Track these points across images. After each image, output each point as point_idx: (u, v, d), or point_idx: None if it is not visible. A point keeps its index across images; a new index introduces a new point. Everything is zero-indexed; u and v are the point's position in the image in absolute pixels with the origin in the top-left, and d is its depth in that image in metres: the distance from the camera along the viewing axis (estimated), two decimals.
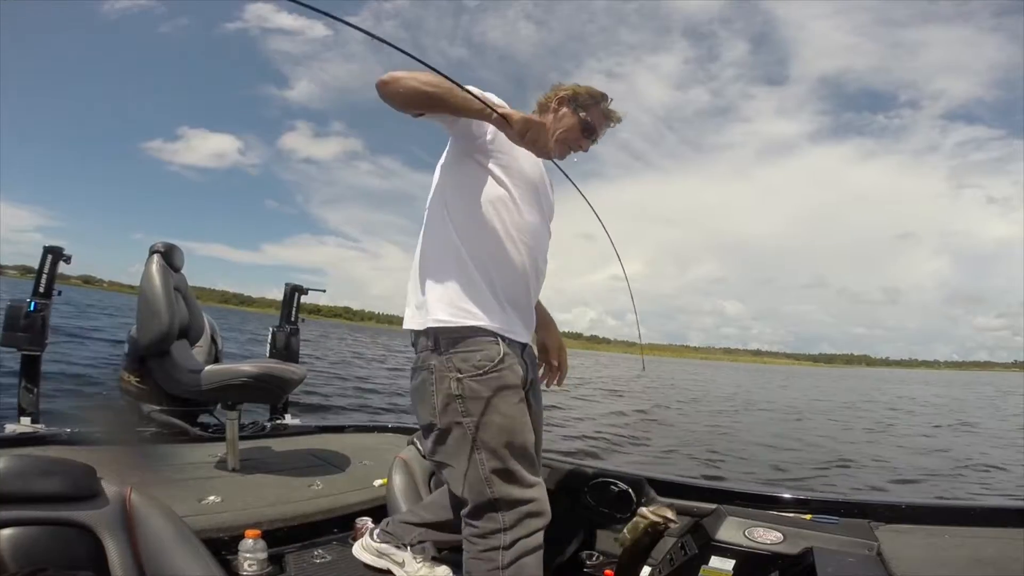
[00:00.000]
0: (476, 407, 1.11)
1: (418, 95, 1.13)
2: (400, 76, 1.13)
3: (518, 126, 1.13)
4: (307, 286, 3.34)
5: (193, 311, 2.43)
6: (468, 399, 1.12)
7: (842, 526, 1.60)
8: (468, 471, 1.12)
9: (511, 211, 1.26)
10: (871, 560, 1.41)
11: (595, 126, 1.43)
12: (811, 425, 10.77)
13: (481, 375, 1.13)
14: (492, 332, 1.17)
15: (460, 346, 1.15)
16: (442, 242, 1.23)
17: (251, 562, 1.43)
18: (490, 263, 1.21)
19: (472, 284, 1.19)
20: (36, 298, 2.41)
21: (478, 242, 1.22)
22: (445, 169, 1.33)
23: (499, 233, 1.23)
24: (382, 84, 1.15)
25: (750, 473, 5.92)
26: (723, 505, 1.77)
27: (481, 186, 1.25)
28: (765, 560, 1.56)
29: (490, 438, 1.11)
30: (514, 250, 1.24)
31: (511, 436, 1.12)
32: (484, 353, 1.14)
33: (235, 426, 2.14)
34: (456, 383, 1.13)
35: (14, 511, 0.99)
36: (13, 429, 2.29)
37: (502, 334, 1.18)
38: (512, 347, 1.20)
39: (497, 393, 1.13)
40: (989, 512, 1.59)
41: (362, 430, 3.08)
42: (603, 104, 1.45)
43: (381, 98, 1.17)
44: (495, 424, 1.11)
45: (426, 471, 1.89)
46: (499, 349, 1.16)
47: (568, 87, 1.46)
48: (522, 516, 1.11)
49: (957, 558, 1.35)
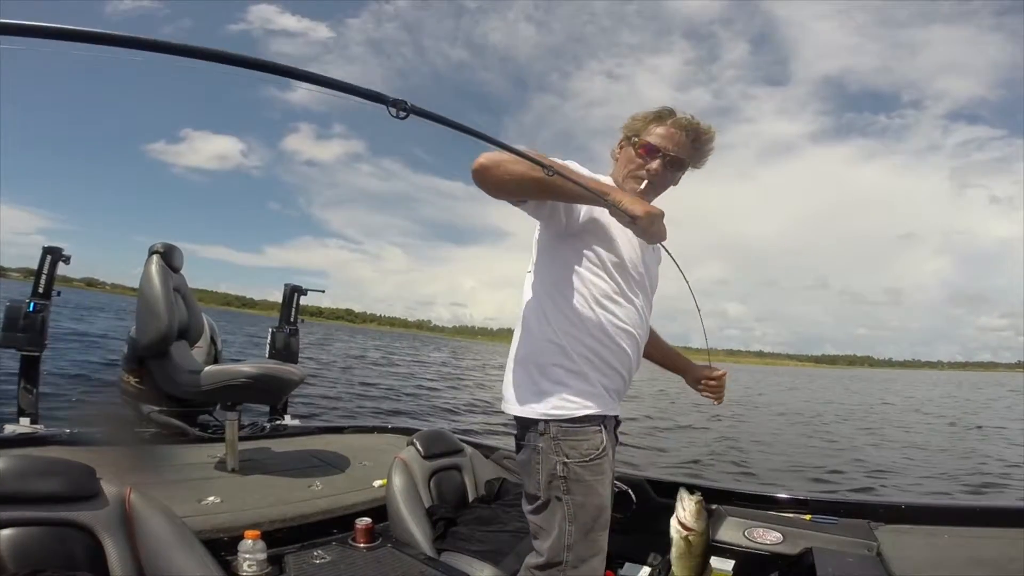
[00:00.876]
0: (578, 489, 1.20)
1: (528, 182, 1.05)
2: (503, 160, 1.05)
3: (643, 223, 1.08)
4: (307, 287, 3.34)
5: (192, 312, 2.43)
6: (572, 481, 1.20)
7: (842, 526, 1.60)
8: (555, 537, 1.21)
9: (612, 306, 1.25)
10: (871, 560, 1.41)
11: (658, 146, 1.29)
12: (841, 431, 10.71)
13: (587, 463, 1.21)
14: (596, 418, 1.24)
15: (568, 436, 1.22)
16: (545, 338, 1.25)
17: (251, 563, 1.43)
18: (593, 358, 1.24)
19: (575, 376, 1.23)
20: (35, 299, 2.41)
21: (580, 340, 1.24)
22: (542, 253, 1.30)
23: (601, 331, 1.25)
24: (483, 169, 1.07)
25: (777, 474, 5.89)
26: (723, 505, 1.77)
27: (581, 281, 1.25)
28: (765, 560, 1.56)
29: (584, 516, 1.20)
30: (615, 346, 1.26)
31: (601, 513, 1.22)
32: (590, 443, 1.22)
33: (235, 427, 2.14)
34: (563, 467, 1.21)
35: (14, 511, 0.99)
36: (13, 429, 2.28)
37: (604, 415, 1.25)
38: (608, 423, 1.27)
39: (597, 478, 1.22)
40: (989, 512, 1.59)
41: (362, 431, 3.08)
42: (666, 122, 1.30)
43: (477, 184, 1.09)
44: (592, 505, 1.21)
45: (425, 472, 1.89)
46: (602, 438, 1.23)
47: (624, 126, 1.35)
48: None
49: (957, 558, 1.35)
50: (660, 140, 1.29)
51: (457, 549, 1.67)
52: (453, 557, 1.64)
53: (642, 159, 1.30)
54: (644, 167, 1.30)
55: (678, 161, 1.31)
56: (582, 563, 1.20)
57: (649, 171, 1.29)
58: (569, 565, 1.20)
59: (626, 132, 1.34)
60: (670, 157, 1.29)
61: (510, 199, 1.14)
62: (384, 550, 1.66)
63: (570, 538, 1.20)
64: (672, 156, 1.29)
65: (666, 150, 1.28)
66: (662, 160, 1.29)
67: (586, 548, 1.21)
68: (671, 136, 1.29)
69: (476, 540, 1.69)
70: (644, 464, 5.92)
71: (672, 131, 1.29)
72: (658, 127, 1.30)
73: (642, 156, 1.30)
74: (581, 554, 1.21)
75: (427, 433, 2.05)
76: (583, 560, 1.21)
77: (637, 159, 1.31)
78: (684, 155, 1.31)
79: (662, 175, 1.30)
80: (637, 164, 1.30)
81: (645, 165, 1.30)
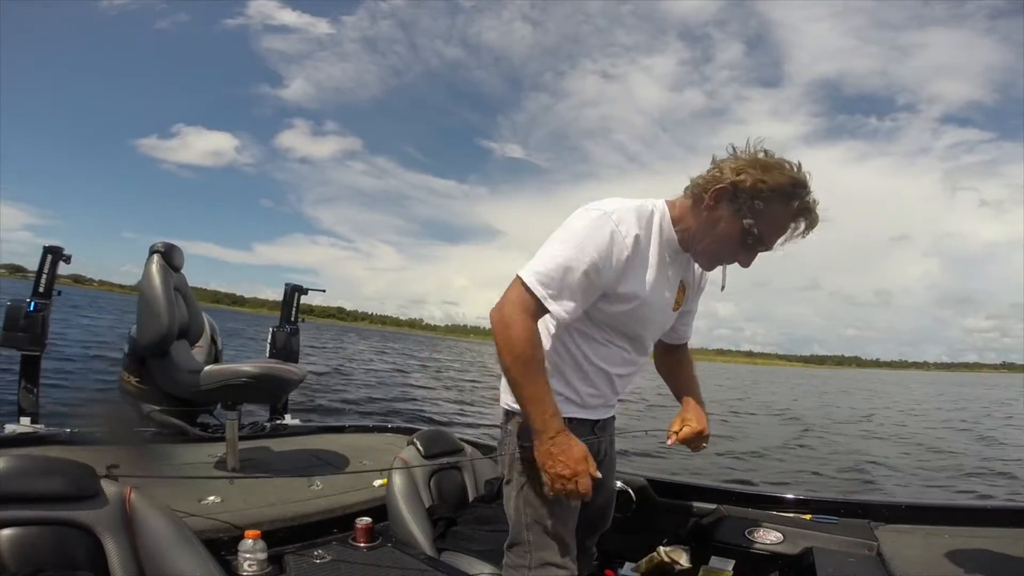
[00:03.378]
0: (534, 472, 1.19)
1: (511, 363, 1.05)
2: (520, 337, 1.04)
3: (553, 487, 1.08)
4: (307, 287, 3.34)
5: (193, 311, 2.43)
6: (528, 463, 1.20)
7: (842, 526, 1.60)
8: (514, 517, 1.23)
9: (586, 346, 1.19)
10: (871, 560, 1.41)
11: (765, 236, 1.05)
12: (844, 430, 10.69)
13: None
14: (568, 419, 1.20)
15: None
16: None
17: (251, 562, 1.43)
18: (570, 380, 1.21)
19: (553, 380, 1.18)
20: (36, 298, 2.40)
21: (561, 362, 1.21)
22: None
23: (575, 364, 1.21)
24: (502, 327, 1.05)
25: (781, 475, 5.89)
26: (723, 505, 1.77)
27: (581, 320, 1.16)
28: (765, 560, 1.56)
29: (536, 499, 1.20)
30: (588, 380, 1.22)
31: (555, 502, 1.19)
32: None
33: (235, 426, 2.14)
34: (523, 450, 1.22)
35: (14, 511, 0.99)
36: (13, 429, 2.28)
37: (580, 418, 1.23)
38: (582, 425, 1.23)
39: None
40: (989, 512, 1.59)
41: (362, 430, 3.08)
42: (798, 200, 1.03)
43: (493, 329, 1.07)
44: (543, 490, 1.19)
45: (426, 471, 1.89)
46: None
47: (733, 166, 1.05)
48: (544, 563, 1.20)
49: (957, 558, 1.35)
50: (778, 233, 1.06)
51: (457, 549, 1.67)
52: (453, 557, 1.64)
53: (744, 248, 1.08)
54: (738, 257, 1.10)
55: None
56: (545, 547, 1.21)
57: (741, 263, 1.11)
58: (533, 545, 1.21)
59: (734, 179, 1.03)
60: (766, 249, 1.08)
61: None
62: (384, 550, 1.66)
63: (527, 518, 1.21)
64: (768, 249, 1.08)
65: (772, 246, 1.07)
66: (756, 254, 1.08)
67: (546, 531, 1.21)
68: (791, 230, 1.06)
69: (476, 540, 1.68)
70: (644, 464, 5.92)
71: (797, 224, 1.06)
72: (782, 208, 1.04)
73: (747, 245, 1.07)
74: (542, 536, 1.21)
75: (427, 432, 2.05)
76: (545, 544, 1.21)
77: (737, 242, 1.07)
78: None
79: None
80: (733, 248, 1.09)
81: (742, 256, 1.09)
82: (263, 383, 2.12)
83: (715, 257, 1.14)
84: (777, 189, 1.03)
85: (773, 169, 1.03)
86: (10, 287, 2.49)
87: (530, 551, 1.22)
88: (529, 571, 1.21)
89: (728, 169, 1.05)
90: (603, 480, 1.33)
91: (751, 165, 1.04)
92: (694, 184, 1.10)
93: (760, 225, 1.04)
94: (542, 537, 1.22)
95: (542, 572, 1.21)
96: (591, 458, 1.10)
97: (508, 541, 1.27)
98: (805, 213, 1.05)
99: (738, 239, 1.07)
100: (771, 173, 1.03)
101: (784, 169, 1.04)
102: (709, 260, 1.16)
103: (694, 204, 1.11)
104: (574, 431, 1.14)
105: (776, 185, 1.03)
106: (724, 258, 1.13)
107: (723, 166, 1.07)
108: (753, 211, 1.03)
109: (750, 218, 1.04)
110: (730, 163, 1.06)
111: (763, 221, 1.04)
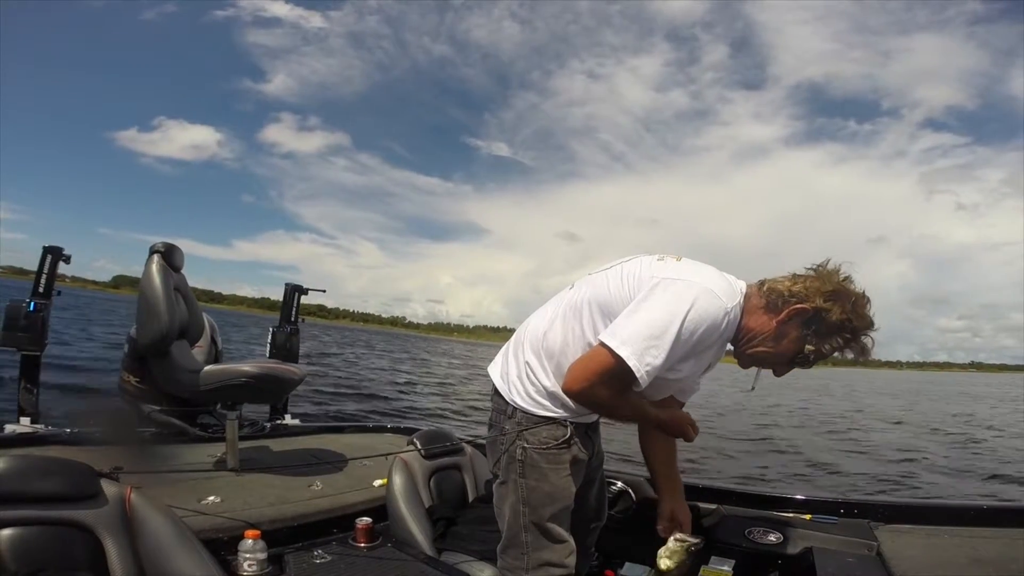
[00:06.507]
0: (532, 473, 1.23)
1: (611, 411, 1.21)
2: (604, 399, 1.15)
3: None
4: (308, 287, 3.34)
5: (193, 311, 2.43)
6: (527, 465, 1.23)
7: (842, 526, 1.60)
8: (510, 518, 1.25)
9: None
10: (871, 560, 1.41)
11: (814, 361, 1.10)
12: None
13: (543, 450, 1.24)
14: (564, 421, 1.26)
15: (532, 424, 1.25)
16: (561, 353, 1.23)
17: (251, 562, 1.43)
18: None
19: (558, 397, 1.24)
20: (36, 298, 2.40)
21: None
22: (602, 319, 1.17)
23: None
24: (577, 394, 1.15)
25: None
26: (723, 505, 1.76)
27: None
28: (765, 560, 1.56)
29: (536, 501, 1.23)
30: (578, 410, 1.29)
31: (554, 501, 1.24)
32: (551, 433, 1.24)
33: (235, 426, 2.14)
34: (521, 451, 1.24)
35: (14, 511, 0.99)
36: (13, 429, 2.28)
37: (571, 420, 1.26)
38: (578, 428, 1.28)
39: (553, 466, 1.24)
40: (989, 512, 1.59)
41: (362, 430, 3.08)
42: (861, 339, 1.07)
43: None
44: (543, 491, 1.23)
45: (426, 471, 1.89)
46: (566, 432, 1.25)
47: (817, 291, 1.05)
48: (543, 563, 1.22)
49: (957, 558, 1.35)
50: (825, 358, 1.09)
51: (457, 549, 1.67)
52: (453, 557, 1.64)
53: (790, 364, 1.12)
54: (778, 369, 1.14)
55: None
56: (544, 547, 1.22)
57: (776, 373, 1.15)
58: (531, 547, 1.23)
59: (820, 305, 1.04)
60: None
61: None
62: (384, 550, 1.66)
63: (525, 519, 1.23)
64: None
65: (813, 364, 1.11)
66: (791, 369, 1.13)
67: (544, 532, 1.23)
68: (836, 351, 1.09)
69: (476, 540, 1.68)
70: (644, 464, 5.91)
71: (843, 355, 1.09)
72: (846, 343, 1.07)
73: (794, 363, 1.11)
74: (539, 538, 1.23)
75: (427, 432, 2.05)
76: (544, 544, 1.23)
77: (789, 359, 1.10)
78: None
79: None
80: (781, 362, 1.12)
81: (782, 369, 1.14)
82: (263, 383, 2.12)
83: (759, 362, 1.16)
84: (857, 331, 1.06)
85: (860, 309, 1.05)
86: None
87: (528, 552, 1.23)
88: (527, 573, 1.22)
89: (815, 292, 1.05)
90: (594, 477, 1.34)
91: (839, 297, 1.04)
92: (772, 289, 1.09)
93: (818, 353, 1.07)
94: (540, 538, 1.23)
95: (541, 572, 1.22)
96: (688, 415, 1.26)
97: (502, 544, 1.27)
98: (862, 352, 1.08)
99: (791, 357, 1.10)
100: (858, 314, 1.05)
101: (866, 308, 1.05)
102: (751, 362, 1.17)
103: (766, 309, 1.10)
104: (573, 433, 1.24)
105: (860, 327, 1.06)
106: (766, 365, 1.16)
107: (809, 285, 1.07)
108: (820, 339, 1.06)
109: (813, 345, 1.07)
110: (816, 284, 1.06)
111: (823, 350, 1.07)
